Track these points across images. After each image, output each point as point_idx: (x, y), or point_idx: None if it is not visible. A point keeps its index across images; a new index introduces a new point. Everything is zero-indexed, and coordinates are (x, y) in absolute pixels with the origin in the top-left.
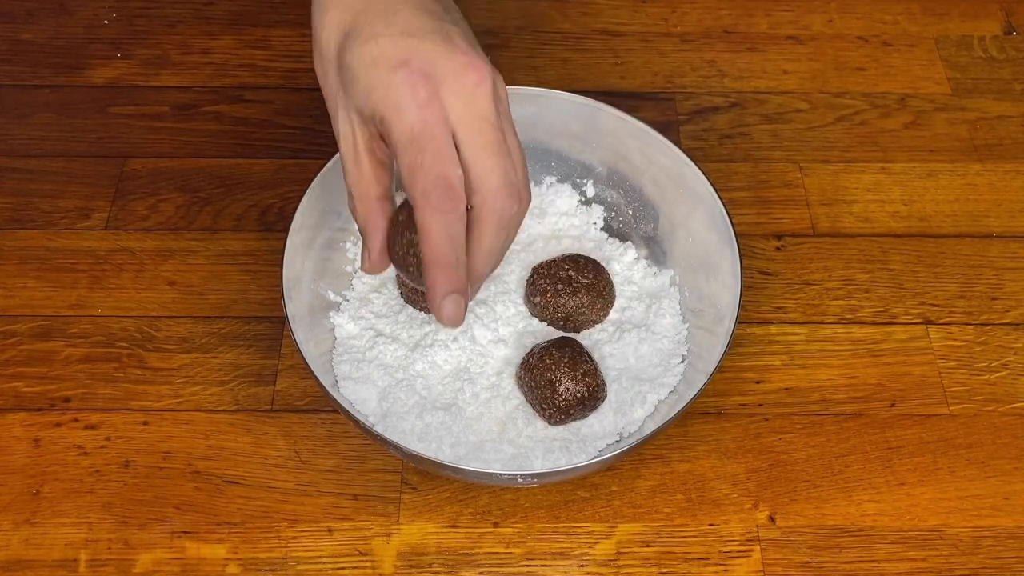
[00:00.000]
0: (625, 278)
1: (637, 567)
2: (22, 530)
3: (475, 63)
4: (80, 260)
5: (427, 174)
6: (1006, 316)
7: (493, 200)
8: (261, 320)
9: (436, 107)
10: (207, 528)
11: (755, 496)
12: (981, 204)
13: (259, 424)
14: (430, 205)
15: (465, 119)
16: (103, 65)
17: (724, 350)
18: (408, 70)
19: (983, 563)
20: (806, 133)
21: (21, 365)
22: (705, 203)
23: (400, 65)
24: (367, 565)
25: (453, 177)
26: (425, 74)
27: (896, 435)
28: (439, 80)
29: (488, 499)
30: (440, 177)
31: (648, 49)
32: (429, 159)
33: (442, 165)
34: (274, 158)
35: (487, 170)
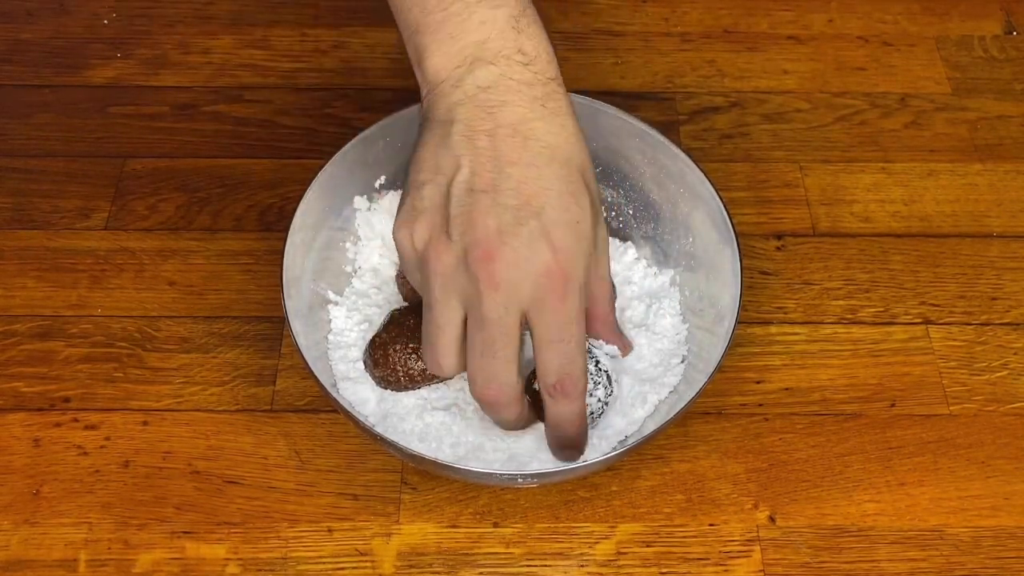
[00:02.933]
0: (625, 278)
1: (637, 567)
2: (22, 530)
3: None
4: (80, 260)
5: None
6: (1006, 316)
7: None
8: (261, 320)
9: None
10: (207, 528)
11: (755, 496)
12: (981, 204)
13: (259, 424)
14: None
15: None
16: (103, 65)
17: (724, 350)
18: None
19: (983, 563)
20: (806, 133)
21: (21, 365)
22: (705, 203)
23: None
24: (367, 565)
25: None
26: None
27: (896, 435)
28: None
29: (488, 499)
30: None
31: (648, 49)
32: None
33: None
34: (274, 158)
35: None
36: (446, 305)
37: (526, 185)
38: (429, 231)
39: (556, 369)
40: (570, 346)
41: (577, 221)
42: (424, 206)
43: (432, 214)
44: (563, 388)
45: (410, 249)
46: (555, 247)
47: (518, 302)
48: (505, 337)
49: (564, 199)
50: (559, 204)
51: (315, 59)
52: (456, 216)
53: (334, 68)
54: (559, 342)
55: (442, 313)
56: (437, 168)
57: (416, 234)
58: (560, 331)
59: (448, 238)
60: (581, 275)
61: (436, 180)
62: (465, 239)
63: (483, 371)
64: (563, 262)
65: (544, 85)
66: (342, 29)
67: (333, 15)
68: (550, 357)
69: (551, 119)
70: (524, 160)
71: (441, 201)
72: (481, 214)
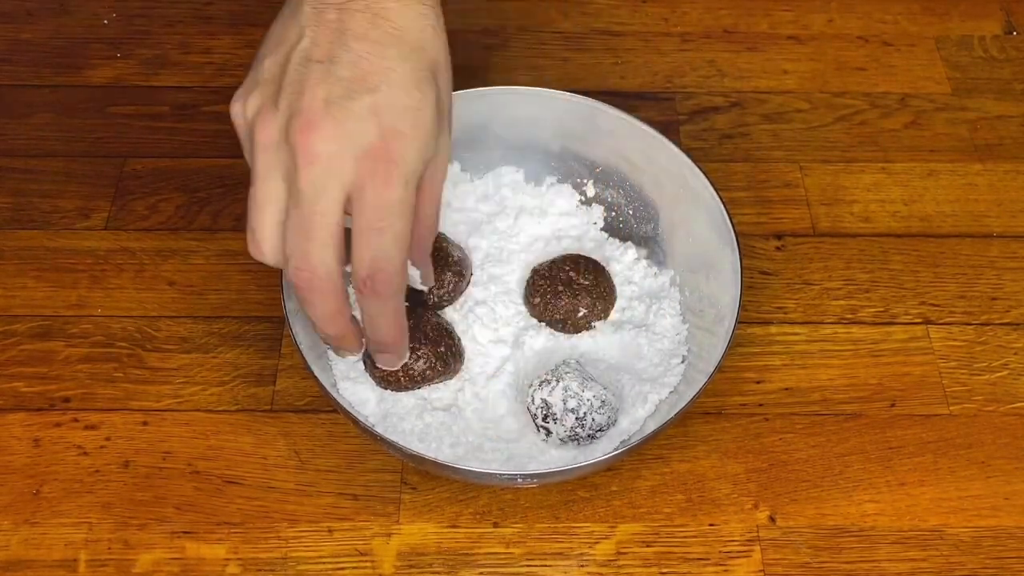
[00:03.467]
0: (625, 278)
1: (637, 567)
2: (22, 530)
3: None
4: (80, 260)
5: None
6: (1006, 316)
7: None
8: (261, 320)
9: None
10: (207, 528)
11: (755, 496)
12: (981, 204)
13: (259, 424)
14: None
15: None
16: (103, 65)
17: (724, 350)
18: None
19: (983, 563)
20: (806, 133)
21: (21, 365)
22: (705, 203)
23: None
24: (367, 565)
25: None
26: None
27: (896, 435)
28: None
29: (488, 499)
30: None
31: (648, 49)
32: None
33: None
34: None
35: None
36: (267, 180)
37: (365, 60)
38: (260, 101)
39: (368, 261)
40: (385, 237)
41: (417, 108)
42: (261, 77)
43: (266, 85)
44: (373, 284)
45: (242, 122)
46: (384, 127)
47: (339, 181)
48: (321, 217)
49: (405, 82)
50: (398, 85)
51: None
52: (287, 85)
53: None
54: (375, 231)
55: (262, 189)
56: (281, 40)
57: (248, 105)
58: (377, 217)
59: (275, 108)
60: (411, 165)
61: (277, 51)
62: (291, 109)
63: (297, 251)
64: (391, 144)
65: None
66: None
67: None
68: (363, 246)
69: (409, 4)
70: (370, 37)
71: (278, 72)
72: (311, 84)
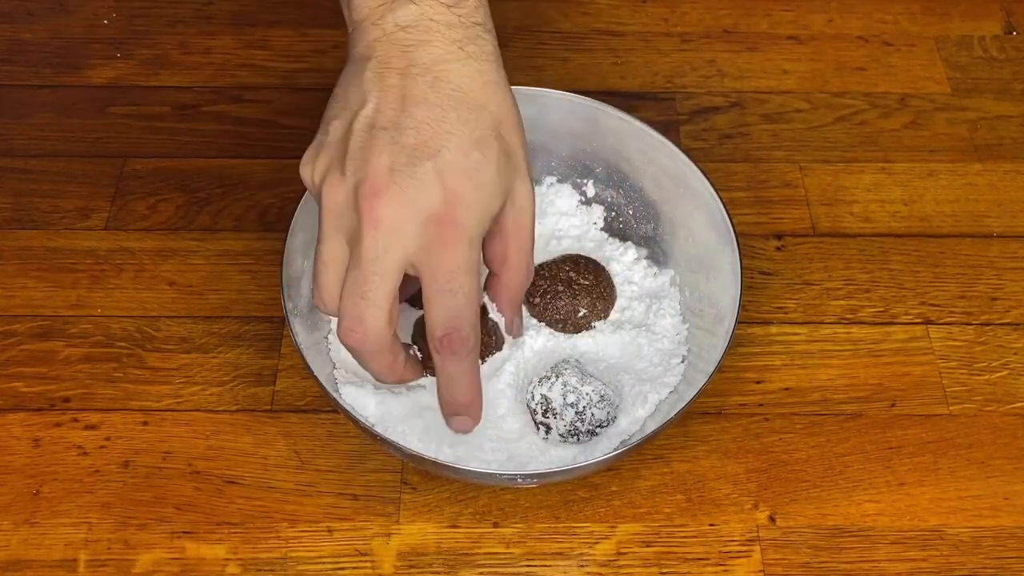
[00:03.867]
0: (625, 278)
1: (637, 567)
2: (22, 530)
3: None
4: (80, 260)
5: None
6: (1006, 316)
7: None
8: (261, 320)
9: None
10: (207, 528)
11: (755, 496)
12: (981, 204)
13: (259, 424)
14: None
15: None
16: (103, 65)
17: (724, 350)
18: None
19: (983, 563)
20: (806, 133)
21: (21, 365)
22: (705, 203)
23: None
24: (367, 565)
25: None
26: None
27: (896, 435)
28: None
29: (488, 499)
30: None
31: (648, 49)
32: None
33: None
34: (274, 158)
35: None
36: (333, 242)
37: (427, 126)
38: (327, 165)
39: (442, 322)
40: (457, 298)
41: (477, 170)
42: (328, 141)
43: (333, 149)
44: (450, 343)
45: (311, 184)
46: (447, 191)
47: (400, 245)
48: (378, 278)
49: (465, 145)
50: (458, 149)
51: (315, 59)
52: (353, 152)
53: (334, 68)
54: (445, 292)
55: (328, 250)
56: (346, 104)
57: (317, 168)
58: (446, 280)
59: (342, 174)
60: (475, 227)
61: (343, 116)
62: (357, 175)
63: (350, 312)
64: (453, 208)
65: (467, 28)
66: (342, 29)
67: (333, 15)
68: (435, 307)
69: (468, 63)
70: (431, 101)
71: (343, 136)
72: (376, 151)
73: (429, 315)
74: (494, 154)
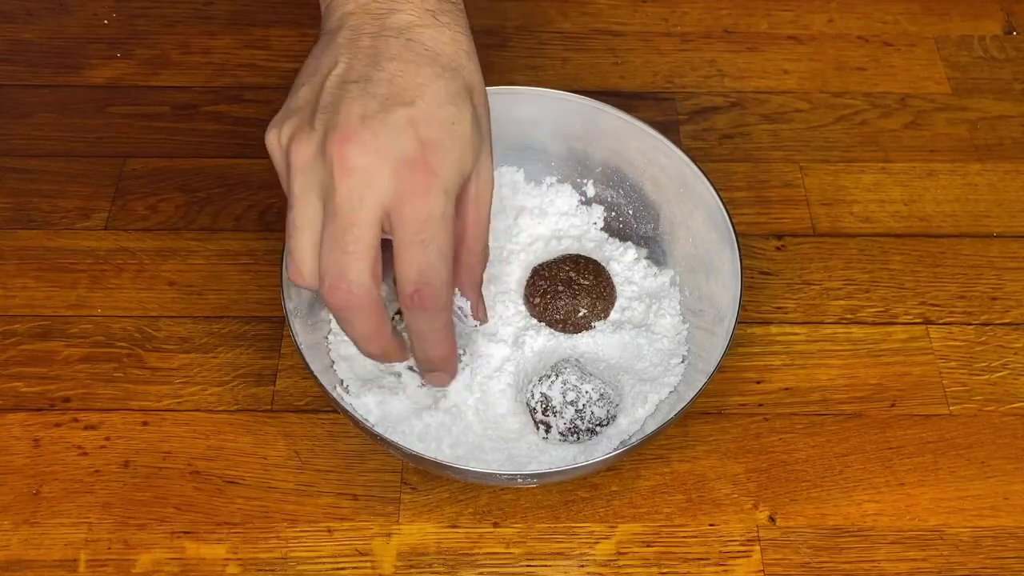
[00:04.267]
0: (625, 278)
1: (637, 567)
2: (22, 530)
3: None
4: (80, 260)
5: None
6: (1006, 316)
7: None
8: (261, 320)
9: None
10: (207, 528)
11: (755, 496)
12: (981, 204)
13: (259, 424)
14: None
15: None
16: (103, 65)
17: (724, 350)
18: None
19: (983, 563)
20: (806, 133)
21: (21, 365)
22: (705, 203)
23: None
24: (367, 565)
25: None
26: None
27: (896, 435)
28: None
29: (488, 499)
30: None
31: (648, 49)
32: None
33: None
34: None
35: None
36: (304, 202)
37: (400, 77)
38: (295, 127)
39: (414, 276)
40: (429, 250)
41: (453, 122)
42: (296, 105)
43: (301, 111)
44: (421, 300)
45: (278, 150)
46: (422, 138)
47: (376, 194)
48: (357, 229)
49: (441, 96)
50: (434, 100)
51: None
52: (323, 107)
53: None
54: (418, 243)
55: (300, 211)
56: (316, 69)
57: (283, 132)
58: (419, 229)
59: (311, 128)
60: (449, 178)
61: (312, 79)
62: (326, 126)
63: (332, 267)
64: (429, 155)
65: (440, 1)
66: None
67: None
68: (408, 260)
69: (441, 29)
70: (404, 57)
71: (313, 98)
72: (346, 102)
73: (400, 269)
74: (469, 112)
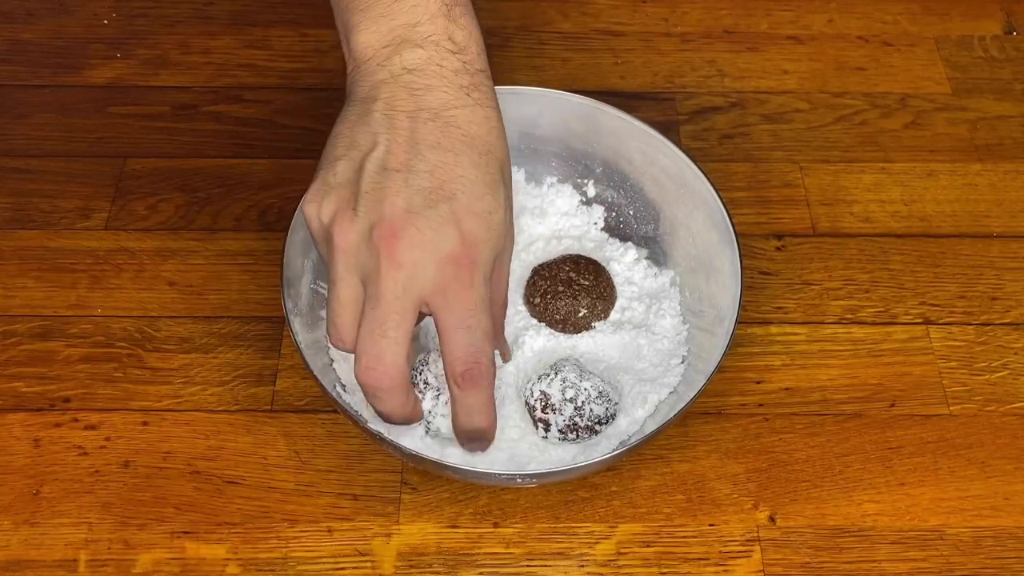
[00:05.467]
0: (625, 278)
1: (637, 567)
2: (22, 530)
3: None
4: (80, 260)
5: None
6: (1006, 316)
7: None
8: (261, 320)
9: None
10: (207, 528)
11: (755, 496)
12: (981, 204)
13: (259, 424)
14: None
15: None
16: (103, 65)
17: (724, 350)
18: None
19: (983, 563)
20: (806, 133)
21: (21, 365)
22: (705, 203)
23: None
24: (367, 565)
25: None
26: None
27: (896, 435)
28: None
29: (488, 499)
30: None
31: (648, 49)
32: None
33: None
34: (274, 158)
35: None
36: (347, 281)
37: (441, 170)
38: (337, 205)
39: (462, 357)
40: (475, 334)
41: (490, 212)
42: (336, 181)
43: (342, 189)
44: (471, 377)
45: (317, 223)
46: (463, 233)
47: (418, 285)
48: (398, 317)
49: (479, 188)
50: (473, 192)
51: (315, 59)
52: (366, 192)
53: (334, 68)
54: (465, 329)
55: (343, 289)
56: (353, 143)
57: (324, 208)
58: (465, 317)
59: (355, 214)
60: (488, 266)
61: (350, 155)
62: (372, 216)
63: (369, 351)
64: (470, 249)
65: (472, 75)
66: None
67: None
68: (456, 344)
69: (475, 109)
70: (443, 145)
71: (353, 177)
72: (391, 193)
73: (448, 351)
74: (503, 198)
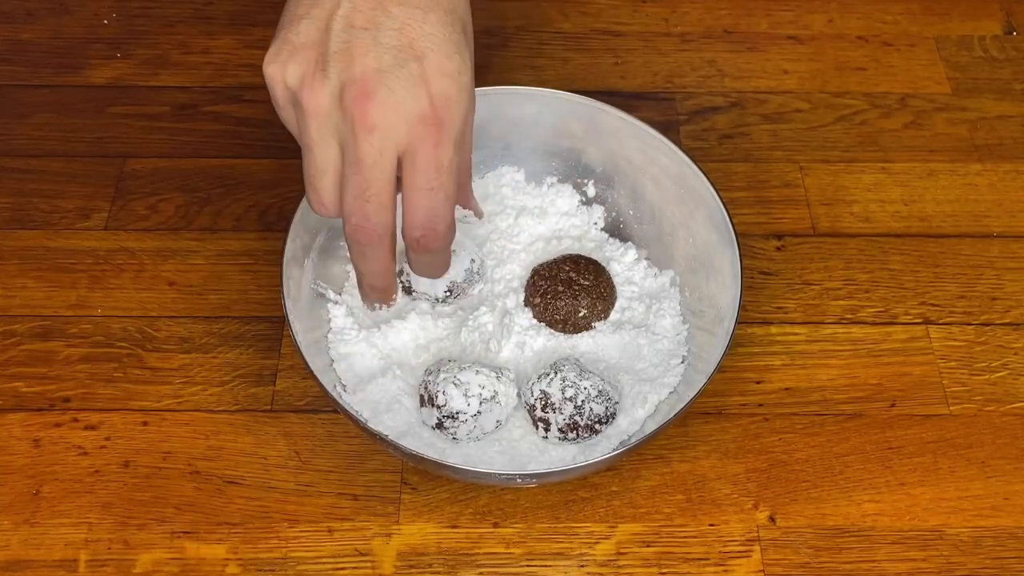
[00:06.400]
0: (625, 278)
1: (637, 567)
2: (22, 530)
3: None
4: (80, 260)
5: None
6: (1006, 316)
7: None
8: (261, 320)
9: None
10: (207, 528)
11: (755, 496)
12: (981, 204)
13: (259, 424)
14: None
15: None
16: (103, 65)
17: (724, 350)
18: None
19: (983, 563)
20: (806, 133)
21: (21, 365)
22: (705, 203)
23: None
24: (367, 565)
25: None
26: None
27: (896, 435)
28: None
29: (488, 499)
30: None
31: (648, 49)
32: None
33: None
34: (274, 158)
35: None
36: (323, 146)
37: (409, 27)
38: (303, 67)
39: (422, 221)
40: (437, 196)
41: (459, 72)
42: (300, 41)
43: (308, 49)
44: (426, 243)
45: (282, 86)
46: (433, 94)
47: (394, 146)
48: (380, 180)
49: (448, 47)
50: (442, 51)
51: None
52: (334, 53)
53: None
54: (428, 190)
55: (320, 154)
56: (315, 2)
57: (289, 70)
58: (430, 178)
59: (324, 75)
60: (457, 126)
61: (313, 14)
62: (342, 76)
63: (357, 211)
64: (440, 109)
65: None
66: None
67: None
68: (417, 205)
69: None
70: (409, 2)
71: (318, 37)
72: (360, 52)
73: (408, 213)
74: (469, 58)
